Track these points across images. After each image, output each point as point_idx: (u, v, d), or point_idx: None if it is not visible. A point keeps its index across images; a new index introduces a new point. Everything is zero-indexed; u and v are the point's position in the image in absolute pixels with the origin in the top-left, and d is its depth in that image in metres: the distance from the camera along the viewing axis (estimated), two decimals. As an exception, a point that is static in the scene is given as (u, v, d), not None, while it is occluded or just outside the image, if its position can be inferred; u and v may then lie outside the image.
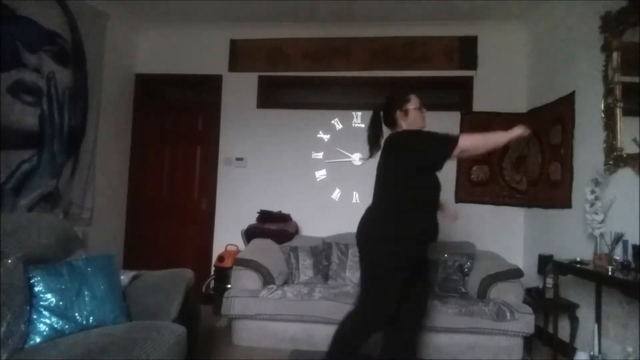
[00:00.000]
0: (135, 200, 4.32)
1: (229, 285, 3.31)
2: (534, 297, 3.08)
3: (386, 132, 2.46)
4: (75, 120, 3.43)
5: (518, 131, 2.16)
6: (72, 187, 3.42)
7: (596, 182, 2.68)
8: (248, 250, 3.41)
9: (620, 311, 2.51)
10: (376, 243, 2.25)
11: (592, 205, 2.66)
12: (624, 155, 2.57)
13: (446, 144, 2.18)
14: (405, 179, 2.27)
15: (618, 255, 2.45)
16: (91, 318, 1.94)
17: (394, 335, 2.40)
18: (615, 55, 2.66)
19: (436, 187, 2.37)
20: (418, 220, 2.28)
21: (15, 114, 2.87)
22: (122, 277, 2.29)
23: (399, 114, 2.41)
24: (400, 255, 2.20)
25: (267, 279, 3.15)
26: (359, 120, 4.05)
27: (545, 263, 3.04)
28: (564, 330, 2.94)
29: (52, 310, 1.85)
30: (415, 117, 2.41)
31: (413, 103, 2.41)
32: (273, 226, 3.73)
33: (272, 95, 4.30)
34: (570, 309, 2.91)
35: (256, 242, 3.55)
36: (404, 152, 2.29)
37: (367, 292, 2.29)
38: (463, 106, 4.02)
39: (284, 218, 3.90)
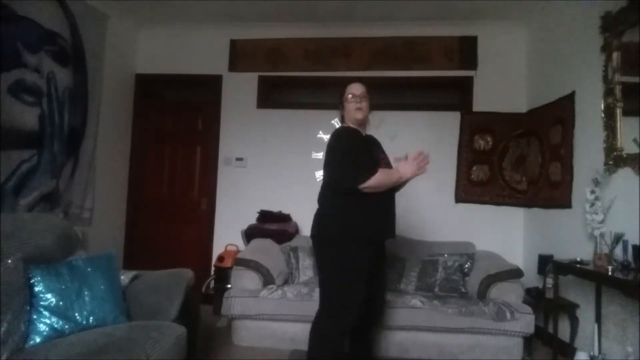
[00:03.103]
0: (135, 200, 4.32)
1: (229, 285, 3.31)
2: (534, 297, 3.08)
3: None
4: (75, 120, 3.43)
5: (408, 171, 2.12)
6: (72, 187, 3.42)
7: (596, 182, 2.68)
8: (248, 250, 3.41)
9: (620, 311, 2.51)
10: (327, 244, 2.19)
11: (592, 205, 2.65)
12: (624, 155, 2.57)
13: (343, 176, 2.10)
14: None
15: (618, 255, 2.45)
16: (91, 318, 1.94)
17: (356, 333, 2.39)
18: (615, 55, 2.66)
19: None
20: (361, 219, 2.16)
21: (15, 114, 2.87)
22: (122, 277, 2.29)
23: (341, 107, 2.38)
24: (351, 255, 2.13)
25: (267, 279, 3.15)
26: (359, 120, 4.04)
27: (545, 263, 3.04)
28: (564, 330, 2.94)
29: (52, 310, 1.85)
30: (347, 109, 2.32)
31: (346, 93, 2.33)
32: (273, 226, 3.73)
33: (272, 95, 4.30)
34: (570, 309, 2.92)
35: (256, 242, 3.55)
36: (325, 153, 2.25)
37: (332, 294, 2.20)
38: (463, 106, 4.02)
39: (284, 218, 3.90)
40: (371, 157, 2.23)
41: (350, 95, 2.31)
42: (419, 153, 2.18)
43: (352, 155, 2.13)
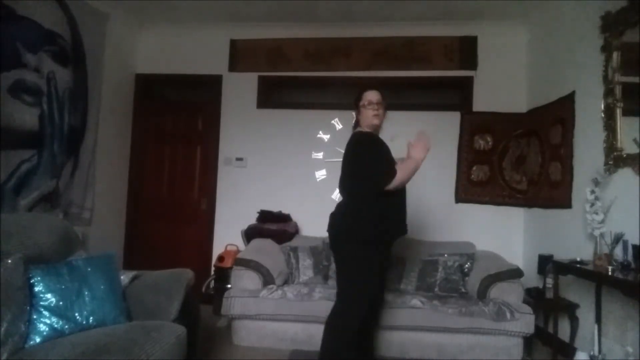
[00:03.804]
0: (135, 200, 4.32)
1: (229, 285, 3.31)
2: (534, 297, 3.08)
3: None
4: (75, 120, 3.43)
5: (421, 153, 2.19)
6: (72, 187, 3.42)
7: (596, 182, 2.68)
8: (248, 250, 3.41)
9: (620, 311, 2.51)
10: (346, 242, 2.25)
11: (592, 205, 2.65)
12: (624, 155, 2.57)
13: (377, 177, 2.17)
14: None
15: (618, 255, 2.45)
16: (91, 318, 1.94)
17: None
18: (615, 55, 2.66)
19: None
20: (380, 218, 2.23)
21: (15, 114, 2.87)
22: (122, 277, 2.29)
23: (356, 112, 2.44)
24: (368, 253, 2.21)
25: (267, 279, 3.15)
26: (359, 120, 4.05)
27: (545, 263, 3.04)
28: (564, 330, 2.94)
29: (52, 310, 1.85)
30: (365, 115, 2.37)
31: (363, 99, 2.38)
32: (273, 226, 3.73)
33: (272, 95, 4.30)
34: (570, 309, 2.92)
35: (256, 242, 3.55)
36: (345, 157, 2.35)
37: (348, 291, 2.28)
38: (463, 106, 4.02)
39: (284, 218, 3.90)
40: (391, 158, 2.30)
41: (367, 102, 2.37)
42: (419, 133, 2.29)
43: (378, 159, 2.22)
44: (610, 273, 2.30)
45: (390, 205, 2.25)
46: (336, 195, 4.07)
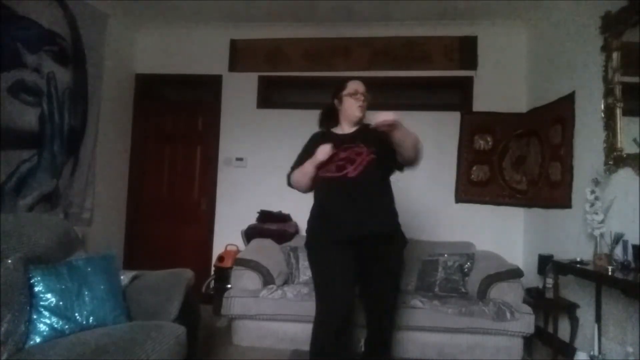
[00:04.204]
0: (135, 200, 4.32)
1: (229, 285, 3.31)
2: (534, 297, 3.08)
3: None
4: (75, 120, 3.43)
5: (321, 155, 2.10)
6: (72, 187, 3.42)
7: (596, 182, 2.68)
8: (248, 250, 3.41)
9: (620, 311, 2.51)
10: (305, 246, 2.33)
11: (592, 205, 2.65)
12: (624, 155, 2.57)
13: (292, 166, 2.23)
14: None
15: (618, 255, 2.44)
16: (91, 318, 1.94)
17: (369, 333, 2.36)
18: (615, 55, 2.66)
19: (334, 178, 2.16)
20: (318, 220, 2.27)
21: (15, 114, 2.87)
22: (122, 277, 2.29)
23: (336, 102, 2.33)
24: (319, 256, 2.22)
25: (267, 279, 3.15)
26: (359, 120, 4.04)
27: (545, 263, 3.04)
28: (564, 330, 2.94)
29: (52, 310, 1.85)
30: (348, 105, 2.25)
31: (348, 89, 2.28)
32: (273, 226, 3.73)
33: (272, 95, 4.30)
34: (570, 309, 2.92)
35: (256, 242, 3.55)
36: None
37: (316, 295, 2.24)
38: (463, 106, 4.02)
39: (284, 218, 3.90)
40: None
41: (352, 91, 2.27)
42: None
43: (301, 155, 2.29)
44: (610, 273, 2.30)
45: (327, 204, 2.22)
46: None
